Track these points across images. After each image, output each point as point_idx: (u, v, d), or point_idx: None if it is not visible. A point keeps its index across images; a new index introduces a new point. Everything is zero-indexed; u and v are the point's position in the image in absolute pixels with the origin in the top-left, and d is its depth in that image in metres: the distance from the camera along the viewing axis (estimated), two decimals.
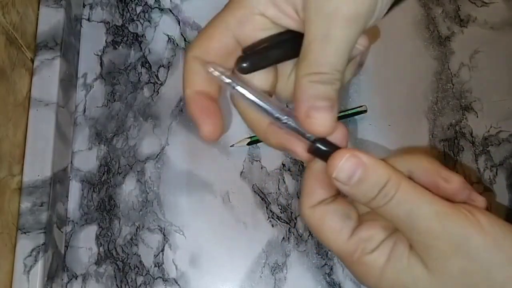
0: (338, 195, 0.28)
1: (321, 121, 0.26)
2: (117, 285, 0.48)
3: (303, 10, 0.26)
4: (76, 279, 0.48)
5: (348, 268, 0.28)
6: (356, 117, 0.51)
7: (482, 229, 0.24)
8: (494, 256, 0.24)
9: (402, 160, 0.28)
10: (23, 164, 0.46)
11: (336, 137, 0.27)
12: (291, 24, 0.28)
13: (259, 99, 0.27)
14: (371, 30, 0.29)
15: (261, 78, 0.29)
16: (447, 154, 0.50)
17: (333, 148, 0.27)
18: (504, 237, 0.24)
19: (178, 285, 0.48)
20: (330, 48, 0.26)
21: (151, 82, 0.53)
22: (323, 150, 0.27)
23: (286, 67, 0.30)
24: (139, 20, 0.55)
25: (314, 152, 0.27)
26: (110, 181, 0.50)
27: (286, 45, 0.29)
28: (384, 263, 0.26)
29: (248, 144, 0.50)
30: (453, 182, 0.29)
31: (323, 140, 0.27)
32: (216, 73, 0.27)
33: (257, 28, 0.28)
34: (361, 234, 0.27)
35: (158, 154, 0.51)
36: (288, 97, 0.30)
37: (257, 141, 0.50)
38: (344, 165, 0.25)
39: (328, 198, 0.27)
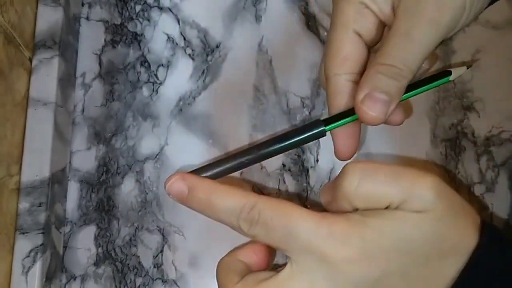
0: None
1: (372, 112, 0.27)
2: (116, 286, 0.48)
3: (397, 8, 0.27)
4: (74, 280, 0.48)
5: None
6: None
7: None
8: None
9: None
10: (21, 164, 0.46)
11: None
12: (387, 21, 0.29)
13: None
14: (431, 55, 0.32)
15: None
16: (448, 154, 0.50)
17: None
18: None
19: (178, 286, 0.47)
20: (407, 44, 0.26)
21: (150, 82, 0.53)
22: None
23: None
24: (138, 19, 0.55)
25: None
26: (109, 181, 0.50)
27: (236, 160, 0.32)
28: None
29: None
30: None
31: None
32: None
33: (369, 21, 0.29)
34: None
35: (157, 154, 0.51)
36: None
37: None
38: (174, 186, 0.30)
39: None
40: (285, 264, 0.26)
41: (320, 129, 0.32)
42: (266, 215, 0.26)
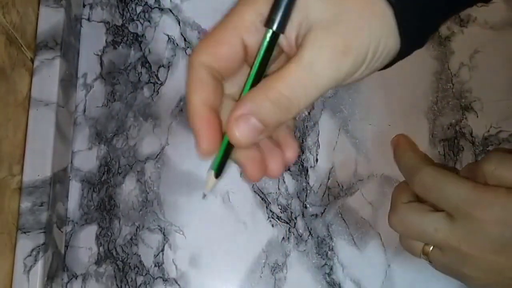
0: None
1: (240, 134, 0.25)
2: (117, 285, 0.48)
3: (302, 37, 0.25)
4: (76, 279, 0.48)
5: None
6: (356, 116, 0.51)
7: None
8: None
9: None
10: (23, 164, 0.46)
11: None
12: (286, 47, 0.26)
13: None
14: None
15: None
16: (447, 154, 0.50)
17: None
18: None
19: (178, 285, 0.48)
20: (307, 75, 0.25)
21: (151, 82, 0.53)
22: None
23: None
24: (139, 20, 0.55)
25: None
26: (110, 181, 0.50)
27: None
28: None
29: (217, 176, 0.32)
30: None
31: None
32: None
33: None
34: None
35: (158, 154, 0.51)
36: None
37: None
38: None
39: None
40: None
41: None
42: (426, 181, 0.32)
